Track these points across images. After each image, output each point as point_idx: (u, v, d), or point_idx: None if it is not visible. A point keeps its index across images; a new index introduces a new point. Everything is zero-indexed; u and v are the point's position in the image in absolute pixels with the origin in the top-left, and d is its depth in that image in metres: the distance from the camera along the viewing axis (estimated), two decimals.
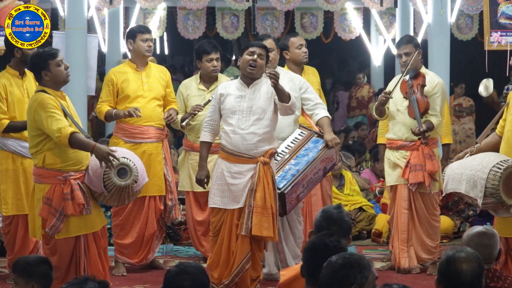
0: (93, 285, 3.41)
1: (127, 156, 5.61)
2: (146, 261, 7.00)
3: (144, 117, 6.82)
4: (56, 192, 5.52)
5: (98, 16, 10.92)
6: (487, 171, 5.45)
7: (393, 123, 6.98)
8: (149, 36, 6.99)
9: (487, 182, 5.44)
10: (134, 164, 5.56)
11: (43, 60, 5.64)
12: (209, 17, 12.51)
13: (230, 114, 5.97)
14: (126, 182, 5.52)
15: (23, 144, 6.48)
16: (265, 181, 5.91)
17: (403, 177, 6.87)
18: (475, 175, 5.50)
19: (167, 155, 7.02)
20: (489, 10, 8.58)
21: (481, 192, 5.46)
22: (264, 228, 5.87)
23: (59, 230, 5.52)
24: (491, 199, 5.47)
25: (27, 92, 6.56)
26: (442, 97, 6.89)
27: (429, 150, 6.81)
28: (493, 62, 8.70)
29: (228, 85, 6.11)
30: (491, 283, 4.15)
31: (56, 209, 5.50)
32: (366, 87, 13.79)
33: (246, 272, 5.98)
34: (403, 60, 6.91)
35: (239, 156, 5.94)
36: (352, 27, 12.70)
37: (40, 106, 5.50)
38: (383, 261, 7.41)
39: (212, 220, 6.10)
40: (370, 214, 8.70)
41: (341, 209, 4.39)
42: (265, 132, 5.96)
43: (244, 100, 5.98)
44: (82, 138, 5.44)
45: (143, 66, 7.01)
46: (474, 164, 5.57)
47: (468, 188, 5.56)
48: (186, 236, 8.17)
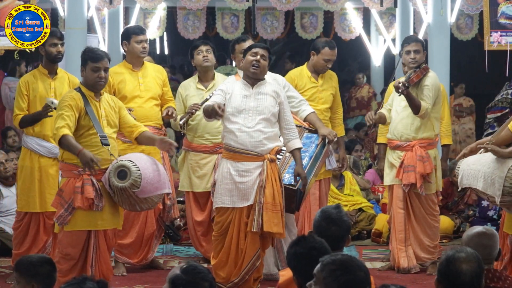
0: (91, 284, 3.40)
1: (138, 161, 5.62)
2: (146, 260, 7.01)
3: (142, 116, 6.83)
4: (69, 185, 5.66)
5: (98, 16, 10.91)
6: (505, 170, 5.48)
7: (391, 123, 7.00)
8: (143, 37, 6.97)
9: (506, 181, 5.48)
10: (137, 168, 5.57)
11: (85, 57, 5.80)
12: (209, 17, 12.51)
13: (236, 113, 5.99)
14: (123, 184, 5.55)
15: (41, 143, 6.61)
16: (273, 178, 5.97)
17: (396, 177, 6.89)
18: (493, 173, 5.54)
19: (165, 155, 7.02)
20: (489, 10, 8.57)
21: (499, 190, 5.49)
22: (274, 225, 5.92)
23: (66, 222, 5.63)
24: (509, 197, 5.50)
25: (54, 92, 6.59)
26: (434, 92, 6.82)
27: (422, 152, 6.81)
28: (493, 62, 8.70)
29: (231, 84, 6.13)
30: (491, 283, 4.15)
31: (66, 201, 5.63)
32: (366, 87, 13.79)
33: (255, 270, 6.01)
34: (412, 57, 6.89)
35: (246, 154, 5.96)
36: (352, 27, 12.70)
37: (60, 103, 5.73)
38: (383, 261, 7.42)
39: (218, 220, 6.09)
40: (370, 214, 8.70)
41: (340, 209, 4.40)
42: (271, 131, 6.02)
43: (249, 99, 6.02)
44: (71, 141, 5.52)
45: (139, 66, 7.01)
46: (491, 161, 5.60)
47: (485, 186, 5.58)
48: (186, 236, 8.18)
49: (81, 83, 5.85)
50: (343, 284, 3.34)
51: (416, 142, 6.84)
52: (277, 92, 6.09)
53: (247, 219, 5.97)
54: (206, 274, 3.47)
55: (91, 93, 5.77)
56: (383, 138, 7.39)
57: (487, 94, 11.82)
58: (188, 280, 3.46)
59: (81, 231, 5.68)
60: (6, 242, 7.58)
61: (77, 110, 5.63)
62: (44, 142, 6.61)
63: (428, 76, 6.85)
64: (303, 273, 3.75)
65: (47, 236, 6.65)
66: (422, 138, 6.85)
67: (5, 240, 7.61)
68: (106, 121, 5.76)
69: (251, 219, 5.94)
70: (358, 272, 3.37)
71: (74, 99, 5.67)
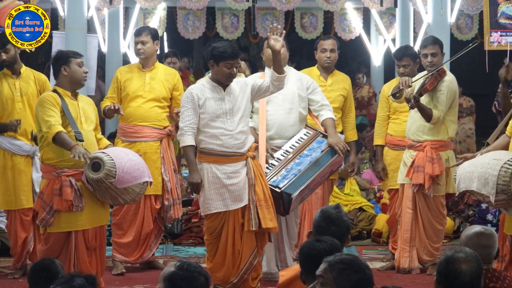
0: (80, 280, 3.40)
1: (111, 152, 5.69)
2: (142, 259, 7.02)
3: (139, 116, 6.92)
4: (49, 187, 5.73)
5: (98, 16, 10.90)
6: (498, 168, 5.45)
7: (407, 123, 7.00)
8: (138, 39, 7.04)
9: (498, 179, 5.44)
10: (110, 158, 5.60)
11: (67, 56, 5.89)
12: (209, 17, 12.50)
13: (214, 117, 5.96)
14: (98, 175, 5.57)
15: (14, 142, 6.74)
16: (259, 174, 6.02)
17: (407, 176, 6.88)
18: (486, 172, 5.50)
19: (166, 155, 7.02)
20: (489, 10, 8.56)
21: (493, 189, 5.44)
22: (269, 220, 5.96)
23: (50, 224, 5.72)
24: (503, 195, 5.46)
25: (20, 91, 6.70)
26: (449, 97, 6.79)
27: (433, 153, 6.79)
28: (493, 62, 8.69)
29: (201, 89, 6.04)
30: (490, 283, 4.15)
31: (47, 203, 5.71)
32: (366, 87, 13.77)
33: (253, 268, 6.00)
34: (429, 60, 6.85)
35: (230, 156, 5.96)
36: (352, 27, 12.69)
37: (40, 103, 5.79)
38: (383, 261, 7.42)
39: (210, 225, 6.06)
40: (370, 214, 8.70)
41: (339, 209, 4.40)
42: (248, 128, 6.08)
43: (223, 102, 5.99)
44: (65, 137, 5.61)
45: (149, 67, 7.05)
46: (485, 162, 5.57)
47: (480, 186, 5.55)
48: (188, 235, 8.20)
49: (55, 86, 5.93)
50: (355, 283, 3.35)
51: (428, 143, 6.82)
52: (244, 85, 6.07)
53: (243, 219, 5.97)
54: (201, 269, 3.49)
55: (67, 92, 5.86)
56: (380, 139, 7.40)
57: (487, 94, 11.81)
58: (185, 275, 3.48)
59: (62, 232, 5.75)
60: (6, 242, 7.58)
61: (58, 108, 5.73)
62: (15, 140, 6.74)
63: (444, 81, 6.81)
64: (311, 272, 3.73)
65: (26, 233, 6.76)
66: (435, 139, 6.83)
67: (5, 240, 7.61)
68: (84, 117, 5.86)
69: (247, 219, 5.95)
70: (366, 270, 3.39)
71: (53, 97, 5.77)
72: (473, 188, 5.59)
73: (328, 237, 3.99)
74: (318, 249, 3.85)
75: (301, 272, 3.92)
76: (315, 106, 6.74)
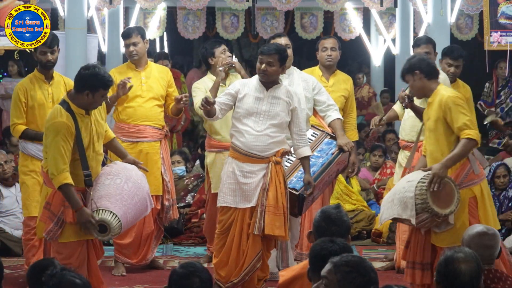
0: None
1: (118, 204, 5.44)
2: (146, 261, 7.00)
3: (141, 116, 6.87)
4: (56, 198, 5.46)
5: (98, 16, 10.92)
6: (413, 189, 5.43)
7: (401, 123, 7.01)
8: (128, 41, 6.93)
9: (416, 199, 5.41)
10: (117, 220, 5.40)
11: (98, 85, 5.41)
12: (209, 17, 12.51)
13: (247, 114, 5.95)
14: (105, 237, 5.49)
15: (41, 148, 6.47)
16: (277, 180, 5.92)
17: (402, 177, 6.87)
18: (403, 197, 5.47)
19: (165, 155, 7.02)
20: (489, 10, 8.58)
21: (412, 210, 5.40)
22: (276, 227, 5.88)
23: (57, 236, 5.46)
24: (425, 214, 5.42)
25: (51, 97, 6.50)
26: None
27: None
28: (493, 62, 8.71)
29: (246, 84, 6.07)
30: (492, 284, 4.15)
31: (55, 214, 5.44)
32: (366, 88, 13.78)
33: (255, 271, 6.00)
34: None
35: (251, 156, 5.94)
36: (352, 27, 12.70)
37: (52, 129, 5.39)
38: (383, 261, 7.42)
39: (221, 219, 6.07)
40: (370, 214, 8.70)
41: (340, 209, 4.40)
42: (279, 135, 5.97)
43: (262, 103, 5.96)
44: (72, 193, 5.33)
45: (143, 66, 7.02)
46: (401, 187, 5.58)
47: (400, 211, 5.49)
48: (188, 235, 8.19)
49: (70, 100, 5.46)
50: (359, 286, 3.33)
51: (421, 143, 6.82)
52: (290, 98, 6.00)
53: (250, 220, 5.96)
54: (200, 271, 3.51)
55: (81, 111, 5.47)
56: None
57: None
58: (182, 273, 3.54)
59: (78, 241, 5.50)
60: (6, 242, 7.58)
61: (72, 139, 5.39)
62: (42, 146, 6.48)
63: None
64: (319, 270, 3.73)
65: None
66: None
67: (5, 240, 7.61)
68: (97, 136, 5.57)
69: (253, 221, 5.93)
70: (371, 273, 3.37)
71: (68, 126, 5.37)
72: (395, 215, 5.56)
73: (342, 240, 3.98)
74: (329, 249, 3.84)
75: (308, 268, 3.91)
76: (322, 106, 6.74)
